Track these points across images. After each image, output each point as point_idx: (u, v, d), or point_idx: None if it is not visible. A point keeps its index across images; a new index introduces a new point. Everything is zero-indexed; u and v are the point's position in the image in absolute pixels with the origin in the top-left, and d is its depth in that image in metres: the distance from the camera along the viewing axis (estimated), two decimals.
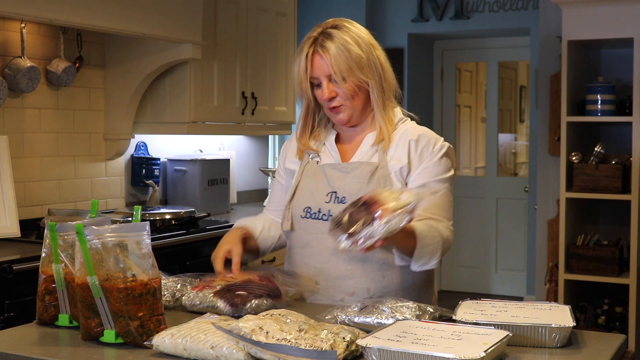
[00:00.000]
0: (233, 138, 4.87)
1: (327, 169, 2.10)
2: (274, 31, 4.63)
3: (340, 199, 2.06)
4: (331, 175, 2.09)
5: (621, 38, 4.42)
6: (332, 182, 2.08)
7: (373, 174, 2.05)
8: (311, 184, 2.11)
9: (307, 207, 2.10)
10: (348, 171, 2.08)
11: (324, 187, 2.09)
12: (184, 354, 1.58)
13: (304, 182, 2.13)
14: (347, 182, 2.06)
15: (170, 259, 3.37)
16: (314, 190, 2.10)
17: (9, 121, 3.45)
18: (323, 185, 2.09)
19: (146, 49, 3.81)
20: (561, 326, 1.65)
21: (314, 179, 2.11)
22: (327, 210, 2.06)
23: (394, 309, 1.75)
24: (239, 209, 4.62)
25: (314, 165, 2.14)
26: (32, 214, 3.53)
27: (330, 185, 2.08)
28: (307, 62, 2.04)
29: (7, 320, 2.63)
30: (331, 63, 2.02)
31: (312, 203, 2.09)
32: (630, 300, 4.40)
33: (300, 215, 2.11)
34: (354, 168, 2.07)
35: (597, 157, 4.50)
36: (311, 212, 2.09)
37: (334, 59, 2.01)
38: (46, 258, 1.86)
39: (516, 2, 5.94)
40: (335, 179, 2.08)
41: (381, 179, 2.04)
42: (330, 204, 2.06)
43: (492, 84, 6.92)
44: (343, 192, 2.06)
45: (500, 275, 6.85)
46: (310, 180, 2.12)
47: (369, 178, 2.05)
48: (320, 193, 2.09)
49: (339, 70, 2.02)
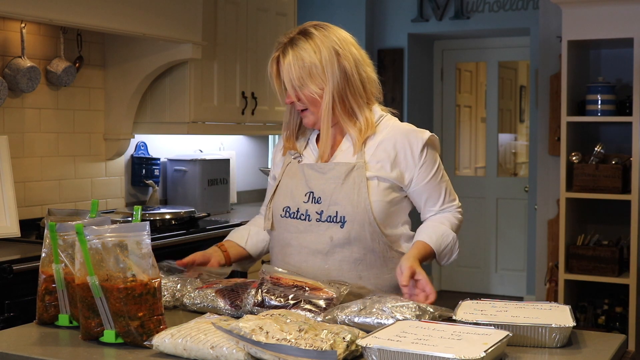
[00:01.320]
0: (233, 138, 4.87)
1: (306, 169, 2.13)
2: (274, 31, 4.63)
3: (316, 199, 2.09)
4: (309, 175, 2.12)
5: (621, 38, 4.42)
6: (309, 182, 2.11)
7: (348, 175, 2.07)
8: (291, 184, 2.14)
9: (287, 206, 2.13)
10: (324, 172, 2.10)
11: (302, 187, 2.12)
12: (184, 354, 1.58)
13: (284, 182, 2.16)
14: (323, 182, 2.09)
15: (170, 259, 3.36)
16: (293, 190, 2.13)
17: (9, 121, 3.45)
18: (301, 185, 2.12)
19: (146, 49, 3.81)
20: (561, 326, 1.65)
21: (294, 179, 2.14)
22: (305, 210, 2.09)
23: (394, 309, 1.75)
24: (239, 209, 4.62)
25: (295, 165, 2.17)
26: (32, 214, 3.53)
27: (307, 185, 2.11)
28: (274, 66, 2.11)
29: (7, 320, 2.63)
30: (285, 71, 2.08)
31: (291, 202, 2.12)
32: (630, 300, 4.40)
33: (280, 214, 2.14)
34: (330, 169, 2.10)
35: (597, 157, 4.50)
36: (290, 212, 2.12)
37: (287, 68, 2.07)
38: (46, 258, 1.86)
39: (516, 2, 5.95)
40: (312, 179, 2.11)
41: (356, 180, 2.06)
42: (308, 203, 2.10)
43: (492, 84, 6.92)
44: (319, 192, 2.09)
45: (500, 275, 6.85)
46: (290, 180, 2.15)
47: (344, 179, 2.07)
48: (299, 192, 2.12)
49: (290, 79, 2.07)
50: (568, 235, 4.58)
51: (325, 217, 2.07)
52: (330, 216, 2.07)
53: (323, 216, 2.07)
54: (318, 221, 2.08)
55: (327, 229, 2.07)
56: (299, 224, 2.10)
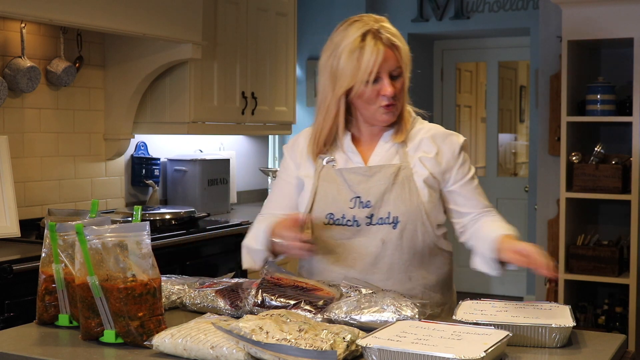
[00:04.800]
0: (233, 138, 4.86)
1: (347, 174, 2.05)
2: (274, 31, 4.63)
3: (364, 203, 2.02)
4: (352, 179, 2.04)
5: (621, 38, 4.41)
6: (354, 187, 2.03)
7: (397, 175, 2.02)
8: (331, 190, 2.05)
9: (330, 213, 2.04)
10: (371, 174, 2.04)
11: (346, 193, 2.04)
12: (184, 354, 1.58)
13: (323, 188, 2.06)
14: (371, 186, 2.02)
15: (170, 259, 3.37)
16: (336, 196, 2.04)
17: (9, 121, 3.45)
18: (345, 190, 2.04)
19: (146, 49, 3.81)
20: (561, 326, 1.65)
21: (333, 184, 2.06)
22: (352, 215, 2.02)
23: (398, 308, 1.74)
24: (239, 209, 4.62)
25: (330, 170, 2.07)
26: (32, 214, 3.53)
27: (352, 190, 2.03)
28: (373, 57, 1.96)
29: (7, 320, 2.63)
30: (400, 57, 1.99)
31: (334, 209, 2.04)
32: (630, 300, 4.40)
33: (323, 222, 2.05)
34: (376, 171, 2.04)
35: (597, 157, 4.50)
36: (335, 218, 2.04)
37: (401, 52, 1.99)
38: (46, 258, 1.86)
39: (516, 2, 5.94)
40: (357, 184, 2.03)
41: (405, 180, 2.02)
42: (355, 209, 2.02)
43: (492, 84, 6.92)
44: (367, 196, 2.02)
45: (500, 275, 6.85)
46: (329, 186, 2.06)
47: (394, 179, 2.02)
48: (342, 198, 2.04)
49: (405, 64, 2.00)
50: (568, 235, 4.58)
51: (376, 219, 2.02)
52: (381, 218, 2.01)
53: (374, 219, 2.02)
54: (368, 225, 2.02)
55: (378, 231, 2.02)
56: (346, 230, 2.03)
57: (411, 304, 1.77)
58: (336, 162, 2.08)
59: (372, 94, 1.99)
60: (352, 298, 1.80)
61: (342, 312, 1.76)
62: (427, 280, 2.08)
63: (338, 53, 2.00)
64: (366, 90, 1.99)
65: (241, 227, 3.82)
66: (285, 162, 2.19)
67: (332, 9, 6.12)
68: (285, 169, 2.18)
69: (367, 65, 1.95)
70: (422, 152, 2.07)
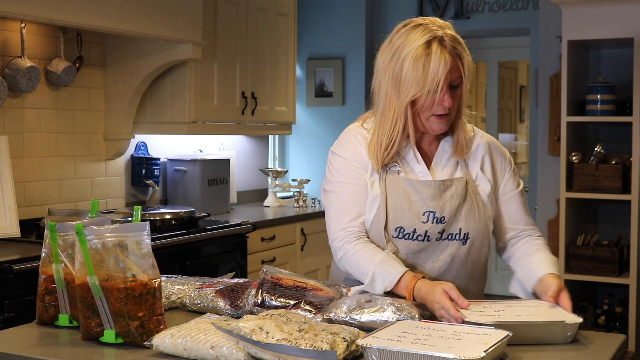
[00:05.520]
0: (233, 138, 4.86)
1: (419, 187, 1.96)
2: (274, 31, 4.63)
3: (439, 219, 1.95)
4: (426, 193, 1.96)
5: (621, 38, 4.41)
6: (428, 202, 1.95)
7: (465, 190, 1.99)
8: (402, 202, 1.95)
9: (400, 227, 1.95)
10: (443, 189, 1.97)
11: (419, 206, 1.95)
12: (184, 354, 1.58)
13: (392, 200, 1.96)
14: (446, 201, 1.96)
15: (170, 259, 3.37)
16: (407, 210, 1.95)
17: (9, 121, 3.45)
18: (417, 204, 1.95)
19: (146, 49, 3.81)
20: (573, 322, 1.67)
21: (404, 197, 1.96)
22: (424, 230, 1.95)
23: (397, 308, 1.74)
24: (239, 209, 4.62)
25: (397, 179, 1.97)
26: (32, 214, 3.53)
27: (426, 204, 1.95)
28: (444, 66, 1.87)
29: (7, 320, 2.63)
30: (463, 67, 1.92)
31: (404, 223, 1.95)
32: (630, 300, 4.40)
33: (392, 235, 1.96)
34: (449, 185, 1.97)
35: (597, 157, 4.50)
36: (404, 232, 1.95)
37: (466, 63, 1.92)
38: (46, 258, 1.86)
39: (516, 2, 5.94)
40: (431, 198, 1.95)
41: (472, 195, 1.99)
42: (427, 224, 1.95)
43: (492, 84, 6.92)
44: (442, 212, 1.95)
45: (500, 275, 6.85)
46: (399, 198, 1.96)
47: (464, 194, 1.98)
48: (414, 212, 1.95)
49: (466, 75, 1.92)
50: (568, 235, 4.58)
51: (446, 235, 1.96)
52: (452, 234, 1.97)
53: (444, 234, 1.96)
54: (438, 240, 1.96)
55: (447, 247, 1.97)
56: (413, 244, 1.96)
57: (411, 304, 1.77)
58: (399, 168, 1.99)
59: (430, 102, 1.91)
60: (352, 298, 1.80)
61: (342, 312, 1.75)
62: (480, 288, 2.10)
63: (401, 58, 1.90)
64: (427, 99, 1.91)
65: (241, 227, 3.82)
66: (347, 164, 2.03)
67: (332, 9, 6.12)
68: (350, 171, 2.02)
69: (434, 75, 1.87)
70: (480, 163, 2.04)
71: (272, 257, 4.18)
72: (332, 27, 5.95)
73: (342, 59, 5.91)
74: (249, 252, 3.90)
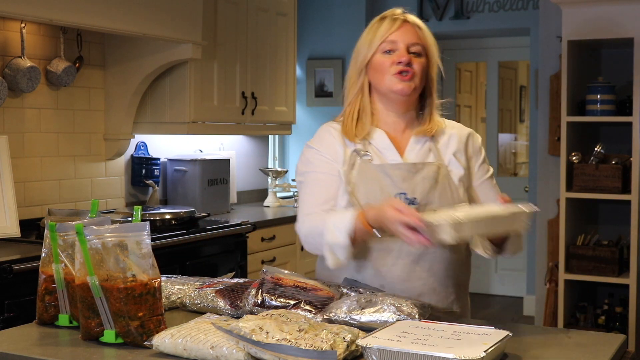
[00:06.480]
0: (233, 138, 4.86)
1: (390, 170, 1.99)
2: (274, 31, 4.63)
3: (411, 199, 1.97)
4: (397, 175, 1.99)
5: (621, 38, 4.41)
6: (399, 183, 1.98)
7: (438, 174, 2.01)
8: (373, 187, 1.99)
9: None
10: (415, 171, 2.00)
11: (390, 189, 1.98)
12: (184, 354, 1.58)
13: (364, 185, 1.99)
14: (417, 183, 1.99)
15: (170, 259, 3.37)
16: (378, 194, 1.98)
17: (9, 121, 3.45)
18: (388, 187, 1.98)
19: (146, 49, 3.81)
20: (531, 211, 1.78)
21: (375, 182, 1.99)
22: None
23: (397, 308, 1.74)
24: (239, 209, 4.62)
25: (369, 166, 2.01)
26: (32, 214, 3.53)
27: (397, 186, 1.98)
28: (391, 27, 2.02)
29: (7, 320, 2.63)
30: (420, 34, 2.05)
31: None
32: (630, 300, 4.40)
33: None
34: (420, 168, 2.00)
35: (597, 157, 4.50)
36: None
37: (424, 31, 2.06)
38: (46, 258, 1.86)
39: (516, 2, 5.94)
40: (402, 180, 1.98)
41: (445, 179, 2.02)
42: None
43: (492, 84, 6.92)
44: (413, 193, 1.98)
45: (500, 275, 6.85)
46: (370, 183, 1.99)
47: (436, 178, 2.01)
48: (386, 195, 1.97)
49: (425, 42, 2.05)
50: (568, 235, 4.58)
51: None
52: None
53: None
54: None
55: None
56: None
57: (411, 304, 1.77)
58: (371, 157, 2.03)
59: (387, 62, 2.01)
60: (352, 298, 1.80)
61: (342, 312, 1.75)
62: (460, 280, 2.11)
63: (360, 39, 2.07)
64: (384, 60, 2.01)
65: (241, 227, 3.82)
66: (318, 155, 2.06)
67: (332, 9, 6.12)
68: (321, 162, 2.06)
69: (385, 32, 2.01)
70: (452, 149, 2.07)
71: (272, 257, 4.18)
72: (332, 27, 5.95)
73: (342, 59, 5.91)
74: (249, 252, 3.91)
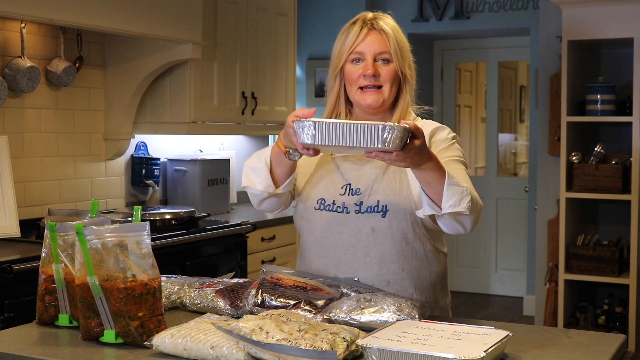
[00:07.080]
0: (233, 138, 4.86)
1: (340, 162, 2.09)
2: (274, 31, 4.63)
3: (354, 190, 2.04)
4: (345, 167, 2.07)
5: (621, 38, 4.42)
6: (345, 175, 2.06)
7: (388, 166, 2.03)
8: (325, 177, 2.09)
9: (321, 198, 2.07)
10: (362, 163, 2.06)
11: (339, 180, 2.07)
12: (184, 354, 1.58)
13: (319, 174, 2.11)
14: (362, 174, 2.05)
15: (170, 259, 3.37)
16: (328, 183, 2.08)
17: (9, 121, 3.45)
18: (337, 178, 2.07)
19: (146, 49, 3.81)
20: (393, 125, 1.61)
21: (329, 172, 2.09)
22: (342, 202, 2.04)
23: (398, 308, 1.74)
24: (239, 209, 4.62)
25: (327, 158, 2.11)
26: (32, 214, 3.53)
27: (344, 177, 2.06)
28: (358, 37, 2.04)
29: (7, 320, 2.63)
30: (387, 41, 2.03)
31: (326, 195, 2.07)
32: (630, 300, 4.40)
33: (314, 206, 2.08)
34: (368, 160, 2.05)
35: (597, 157, 4.50)
36: (325, 204, 2.06)
37: (390, 38, 2.04)
38: (46, 258, 1.86)
39: (516, 2, 5.94)
40: (348, 172, 2.06)
41: (396, 171, 2.03)
42: (345, 196, 2.04)
43: (492, 84, 6.92)
44: (357, 184, 2.05)
45: (500, 275, 6.85)
46: (324, 173, 2.10)
47: (385, 169, 2.04)
48: (334, 186, 2.07)
49: (393, 49, 2.03)
50: (568, 235, 4.58)
51: (365, 207, 2.02)
52: (370, 206, 2.02)
53: (363, 207, 2.02)
54: (357, 212, 2.02)
55: (368, 219, 2.02)
56: (336, 216, 2.05)
57: (411, 304, 1.77)
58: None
59: (356, 73, 2.04)
60: (352, 298, 1.80)
61: (342, 312, 1.75)
62: (420, 275, 2.06)
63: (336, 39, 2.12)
64: (352, 70, 2.05)
65: (241, 227, 3.82)
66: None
67: (332, 9, 6.12)
68: None
69: (350, 43, 2.04)
70: None
71: (272, 257, 4.18)
72: (332, 27, 5.93)
73: None
74: (249, 252, 3.91)
